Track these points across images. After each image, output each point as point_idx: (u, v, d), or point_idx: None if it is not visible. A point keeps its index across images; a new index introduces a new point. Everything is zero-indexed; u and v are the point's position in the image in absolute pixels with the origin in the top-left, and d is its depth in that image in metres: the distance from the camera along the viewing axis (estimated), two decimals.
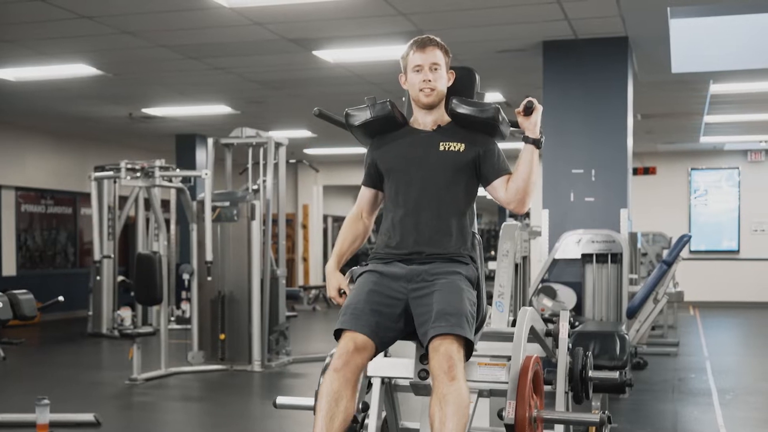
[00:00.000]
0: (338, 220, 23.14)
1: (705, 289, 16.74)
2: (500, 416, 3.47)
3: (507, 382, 3.42)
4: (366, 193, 3.58)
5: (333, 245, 17.52)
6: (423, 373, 3.32)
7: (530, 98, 3.40)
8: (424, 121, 3.46)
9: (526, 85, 10.11)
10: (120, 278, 12.11)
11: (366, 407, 3.57)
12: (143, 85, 10.50)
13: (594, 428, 3.71)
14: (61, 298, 6.29)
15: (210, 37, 8.06)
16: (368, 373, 3.55)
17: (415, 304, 3.24)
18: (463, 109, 3.41)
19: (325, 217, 21.22)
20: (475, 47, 8.57)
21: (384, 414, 3.83)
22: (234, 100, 11.61)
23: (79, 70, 9.39)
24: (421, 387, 3.36)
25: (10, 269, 13.97)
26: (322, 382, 3.20)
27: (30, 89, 10.50)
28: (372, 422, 3.54)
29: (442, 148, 3.36)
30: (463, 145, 3.37)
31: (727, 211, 17.87)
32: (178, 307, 13.06)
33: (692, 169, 18.09)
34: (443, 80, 3.42)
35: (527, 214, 24.04)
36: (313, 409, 3.33)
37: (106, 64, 9.24)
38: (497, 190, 3.38)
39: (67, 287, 14.15)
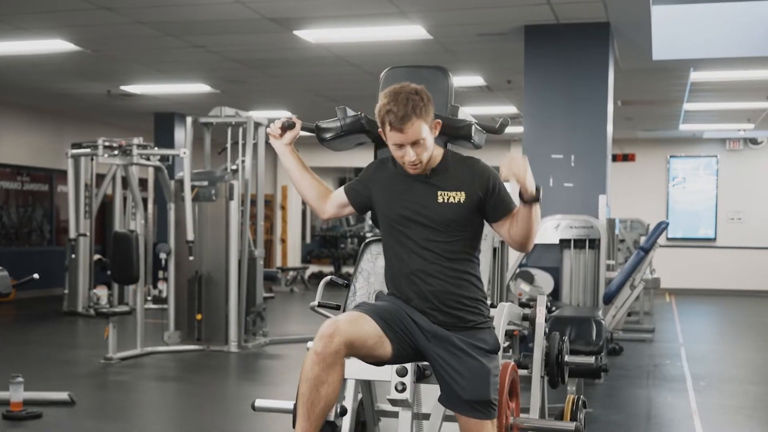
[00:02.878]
0: None
1: (681, 276, 16.85)
2: None
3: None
4: (340, 198, 3.34)
5: (312, 227, 17.38)
6: (400, 386, 3.29)
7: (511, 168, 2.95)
8: (410, 171, 3.13)
9: (507, 69, 10.11)
10: (96, 257, 12.03)
11: (344, 411, 3.55)
12: (122, 62, 10.40)
13: None
14: (36, 275, 6.22)
15: (189, 14, 7.99)
16: (346, 376, 3.53)
17: (435, 363, 3.12)
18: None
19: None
20: (457, 30, 8.54)
21: (360, 396, 3.83)
22: (214, 79, 11.52)
23: (57, 45, 9.28)
24: (398, 401, 3.33)
25: None
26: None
27: (6, 64, 10.39)
28: (346, 423, 3.52)
29: (441, 199, 3.07)
30: (462, 194, 3.06)
31: (704, 199, 17.97)
32: (155, 287, 12.99)
33: (671, 156, 18.17)
34: (430, 145, 3.04)
35: None
36: (292, 412, 3.31)
37: (85, 40, 9.14)
38: (500, 229, 3.12)
39: (43, 265, 14.07)
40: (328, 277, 3.83)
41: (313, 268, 19.28)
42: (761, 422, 6.19)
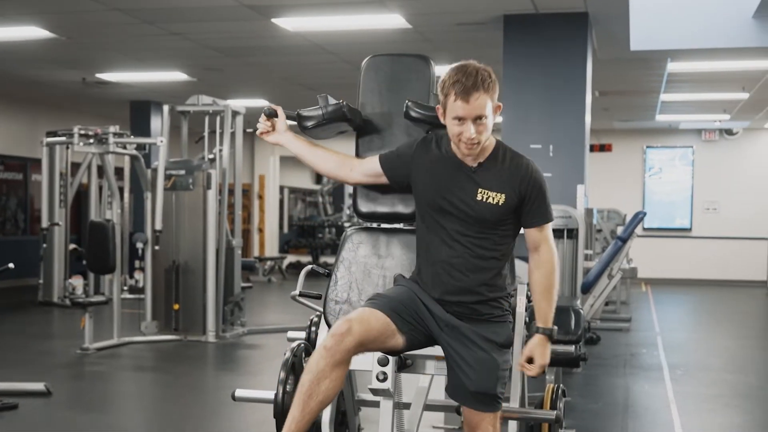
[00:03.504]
0: (294, 192, 23.05)
1: (657, 265, 16.95)
2: (458, 412, 3.48)
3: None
4: (371, 166, 3.26)
5: (289, 217, 17.30)
6: (381, 375, 3.28)
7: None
8: (464, 152, 3.06)
9: (486, 59, 9.96)
10: (72, 246, 11.92)
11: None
12: (97, 50, 10.29)
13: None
14: (11, 265, 6.15)
15: (166, 1, 7.91)
16: None
17: (446, 352, 3.15)
18: (417, 114, 3.31)
19: (281, 188, 21.10)
20: (435, 19, 8.51)
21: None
22: (191, 67, 11.42)
23: (32, 32, 9.16)
24: (379, 390, 3.32)
25: None
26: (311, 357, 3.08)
27: None
28: (326, 413, 3.50)
29: (480, 197, 3.03)
30: (503, 195, 3.02)
31: (680, 189, 18.07)
32: (132, 277, 12.91)
33: (647, 147, 18.25)
34: (490, 127, 2.98)
35: None
36: (273, 402, 3.33)
37: (60, 27, 9.03)
38: (528, 236, 3.13)
39: (18, 254, 13.87)
40: (309, 267, 3.81)
41: (290, 258, 19.23)
42: (738, 410, 6.25)
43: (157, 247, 8.82)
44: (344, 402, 3.92)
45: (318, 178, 23.79)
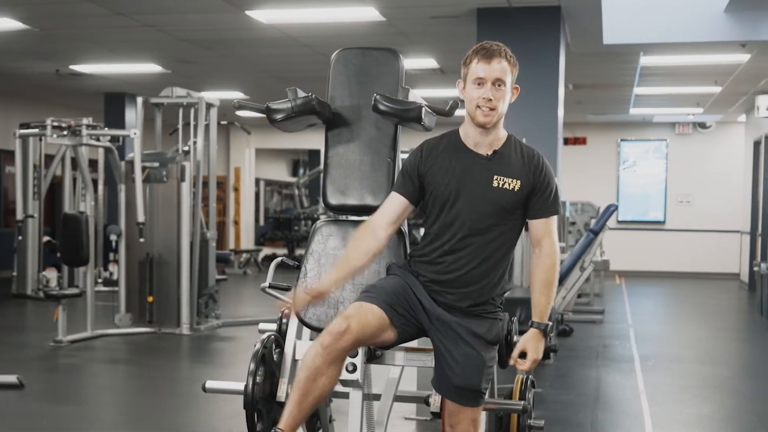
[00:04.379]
0: (270, 184, 23.02)
1: (631, 258, 17.07)
2: (427, 403, 3.52)
3: (432, 367, 3.46)
4: (396, 202, 3.17)
5: (265, 210, 17.35)
6: (350, 366, 3.31)
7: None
8: (478, 141, 3.09)
9: (460, 52, 10.03)
10: (46, 239, 11.84)
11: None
12: (71, 41, 10.24)
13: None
14: None
15: None
16: (297, 357, 3.55)
17: (434, 345, 3.19)
18: (385, 108, 3.32)
19: (257, 181, 21.07)
20: (409, 12, 8.54)
21: None
22: (165, 59, 11.39)
23: (3, 23, 9.10)
24: (348, 381, 3.35)
25: None
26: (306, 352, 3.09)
27: None
28: None
29: (496, 183, 3.04)
30: (518, 182, 3.05)
31: (654, 182, 18.21)
32: (106, 269, 12.85)
33: (621, 140, 18.36)
34: (506, 99, 3.05)
35: None
36: (243, 393, 3.35)
37: (32, 18, 8.98)
38: (532, 228, 3.14)
39: None
40: (279, 258, 3.83)
41: (266, 251, 19.21)
42: (707, 400, 6.32)
43: (141, 240, 8.78)
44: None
45: (294, 170, 23.78)
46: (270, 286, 3.56)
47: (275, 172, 23.20)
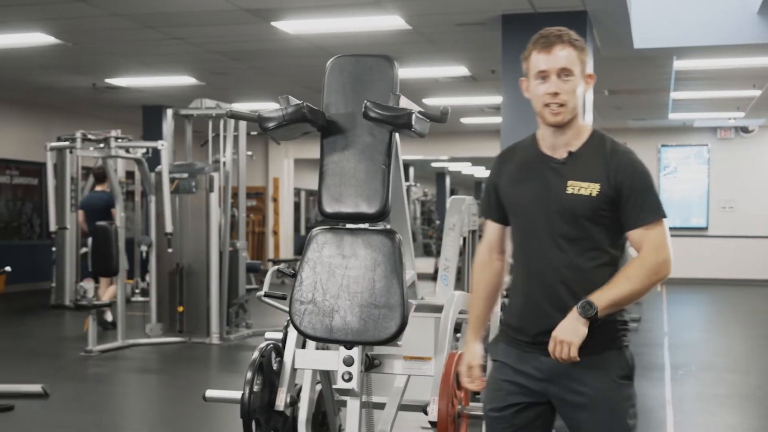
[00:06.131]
0: (311, 194, 23.09)
1: (673, 265, 16.75)
2: (425, 412, 3.50)
3: (431, 376, 3.44)
4: (490, 230, 2.81)
5: (306, 220, 17.37)
6: (346, 375, 3.29)
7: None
8: (553, 143, 2.62)
9: (488, 59, 10.07)
10: (83, 250, 12.00)
11: (294, 401, 3.56)
12: (103, 55, 10.37)
13: None
14: (8, 268, 6.22)
15: (164, 6, 7.95)
16: (296, 366, 3.55)
17: (565, 415, 2.63)
18: (375, 115, 3.23)
19: (297, 191, 21.15)
20: (434, 20, 8.51)
21: (318, 388, 3.84)
22: (197, 72, 11.49)
23: (37, 38, 9.25)
24: (345, 390, 3.33)
25: None
26: None
27: None
28: (303, 413, 3.54)
29: (570, 190, 2.55)
30: (597, 186, 2.54)
31: (696, 188, 17.94)
32: (143, 279, 12.97)
33: (662, 145, 18.13)
34: (577, 91, 2.56)
35: None
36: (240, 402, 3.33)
37: (64, 33, 9.11)
38: (630, 241, 2.61)
39: (33, 259, 14.10)
40: (275, 267, 3.83)
41: None
42: (732, 410, 6.20)
43: (170, 250, 8.85)
44: (324, 402, 3.94)
45: None
46: (265, 295, 3.56)
47: (315, 181, 23.22)
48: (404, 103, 3.37)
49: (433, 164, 25.11)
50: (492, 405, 2.68)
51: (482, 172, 28.67)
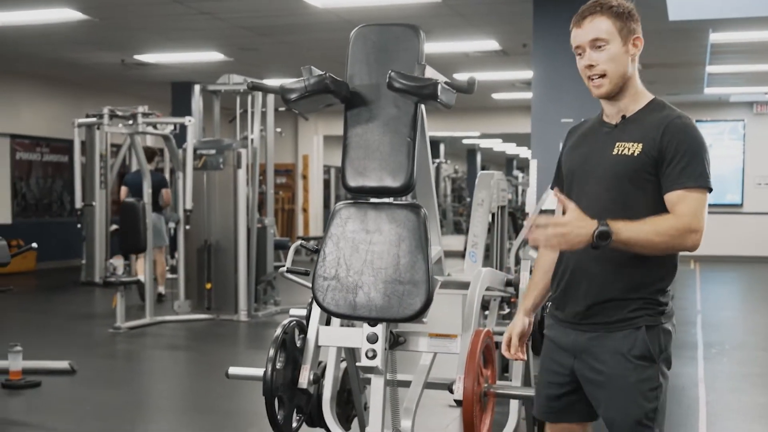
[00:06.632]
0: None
1: (707, 242, 15.83)
2: (451, 390, 3.41)
3: (457, 353, 3.35)
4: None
5: (336, 197, 17.43)
6: (370, 353, 3.20)
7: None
8: (609, 112, 2.62)
9: (521, 33, 9.91)
10: (113, 227, 12.03)
11: (317, 379, 3.49)
12: (131, 31, 10.33)
13: None
14: (34, 245, 6.19)
15: None
16: (320, 343, 3.47)
17: (588, 392, 2.61)
18: (400, 85, 3.12)
19: (327, 168, 21.09)
20: None
21: (344, 365, 3.77)
22: (226, 47, 11.42)
23: (65, 14, 9.22)
24: (368, 368, 3.25)
25: (5, 217, 13.93)
26: None
27: (18, 34, 10.36)
28: (327, 391, 3.47)
29: (616, 150, 2.51)
30: (640, 145, 2.47)
31: (731, 164, 17.64)
32: (173, 257, 12.99)
33: (697, 120, 17.60)
34: (617, 58, 2.52)
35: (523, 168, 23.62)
36: (263, 380, 3.24)
37: (91, 8, 9.06)
38: (667, 205, 2.49)
39: (63, 236, 14.16)
40: (298, 242, 3.75)
41: None
42: (765, 389, 6.07)
43: (188, 227, 8.84)
44: (349, 380, 3.86)
45: None
46: (288, 271, 3.48)
47: None
48: (430, 73, 3.25)
49: (464, 141, 24.93)
50: (538, 384, 2.77)
51: (514, 149, 28.46)
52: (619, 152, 2.49)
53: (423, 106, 3.40)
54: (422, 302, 3.17)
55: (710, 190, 2.50)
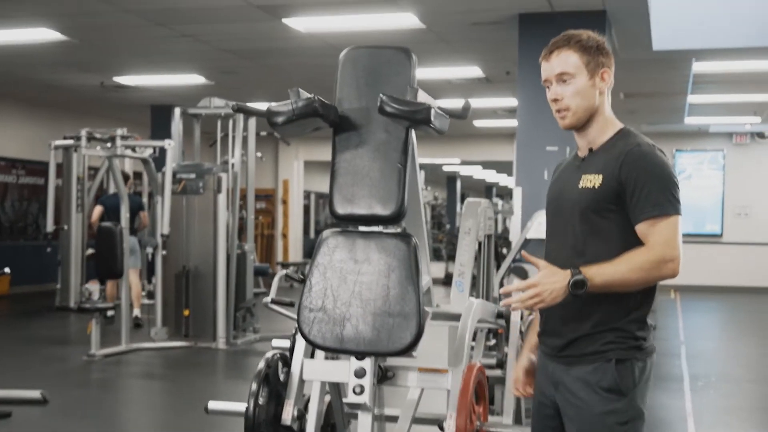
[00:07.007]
0: (321, 197, 22.90)
1: (686, 272, 16.06)
2: (441, 428, 3.28)
3: (448, 389, 3.23)
4: None
5: (315, 223, 17.30)
6: (358, 389, 3.07)
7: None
8: (580, 144, 2.62)
9: (503, 60, 9.87)
10: (89, 251, 11.82)
11: (301, 414, 3.35)
12: (111, 52, 10.19)
13: None
14: (7, 269, 6.03)
15: (174, 1, 7.77)
16: (304, 377, 3.34)
17: (564, 420, 2.58)
18: (391, 109, 3.00)
19: (307, 193, 20.96)
20: (450, 18, 8.30)
21: (327, 399, 3.63)
22: (207, 70, 11.31)
23: (43, 34, 9.07)
24: (356, 404, 3.12)
25: None
26: None
27: None
28: (311, 426, 3.32)
29: (581, 183, 2.51)
30: (600, 176, 2.46)
31: (710, 194, 17.66)
32: (150, 281, 12.79)
33: (677, 150, 17.86)
34: (583, 92, 2.50)
35: (511, 193, 23.58)
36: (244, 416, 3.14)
37: (70, 29, 8.93)
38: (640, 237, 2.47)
39: (38, 260, 13.92)
40: (283, 272, 3.62)
41: None
42: (755, 423, 5.98)
43: (164, 252, 8.67)
44: (333, 414, 3.73)
45: None
46: (273, 302, 3.34)
47: (325, 184, 22.98)
48: (422, 97, 3.14)
49: (444, 168, 24.90)
50: (532, 417, 2.73)
51: (493, 176, 28.45)
52: (584, 185, 2.50)
53: (413, 132, 3.30)
54: (413, 335, 3.05)
55: (679, 214, 2.47)
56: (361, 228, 3.22)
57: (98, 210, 10.02)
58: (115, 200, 9.97)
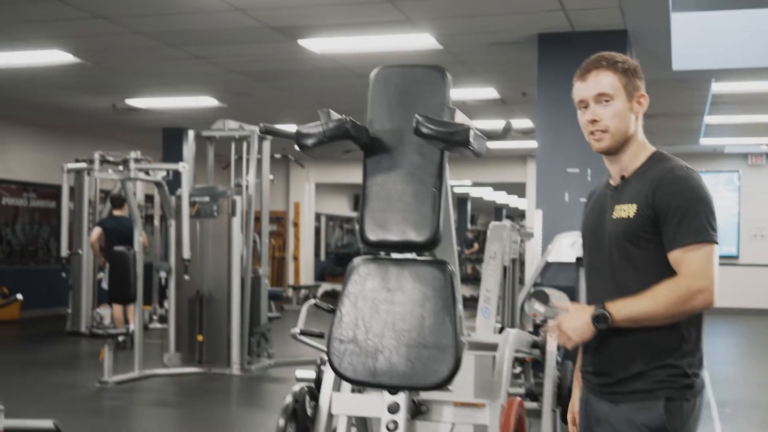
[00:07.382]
0: (332, 219, 22.79)
1: (715, 297, 16.28)
2: None
3: (486, 425, 3.07)
4: None
5: (326, 245, 17.22)
6: (391, 425, 2.92)
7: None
8: (612, 170, 2.54)
9: (520, 81, 9.75)
10: (101, 275, 11.70)
11: None
12: (123, 75, 10.10)
13: None
14: (19, 296, 5.88)
15: (188, 23, 7.67)
16: (333, 411, 3.19)
17: None
18: (428, 131, 2.88)
19: (318, 216, 20.84)
20: (467, 39, 8.19)
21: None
22: (220, 92, 11.21)
23: (56, 57, 8.98)
24: None
25: None
26: None
27: (3, 77, 10.11)
28: None
29: (615, 214, 2.43)
30: (634, 206, 2.38)
31: (726, 215, 17.47)
32: (161, 306, 12.64)
33: None
34: (621, 114, 2.42)
35: (522, 215, 23.39)
36: None
37: (83, 51, 8.84)
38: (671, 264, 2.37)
39: (49, 284, 13.78)
40: (312, 301, 3.48)
41: (326, 286, 18.88)
42: None
43: (186, 277, 8.54)
44: None
45: (355, 204, 23.56)
46: (302, 333, 3.19)
47: (336, 206, 22.98)
48: (460, 118, 3.00)
49: (455, 189, 24.78)
50: None
51: (504, 198, 28.31)
52: (618, 215, 2.42)
53: (446, 155, 3.16)
54: (449, 368, 2.90)
55: (714, 242, 2.34)
56: (394, 255, 3.08)
57: (97, 231, 9.92)
58: (113, 222, 9.87)
